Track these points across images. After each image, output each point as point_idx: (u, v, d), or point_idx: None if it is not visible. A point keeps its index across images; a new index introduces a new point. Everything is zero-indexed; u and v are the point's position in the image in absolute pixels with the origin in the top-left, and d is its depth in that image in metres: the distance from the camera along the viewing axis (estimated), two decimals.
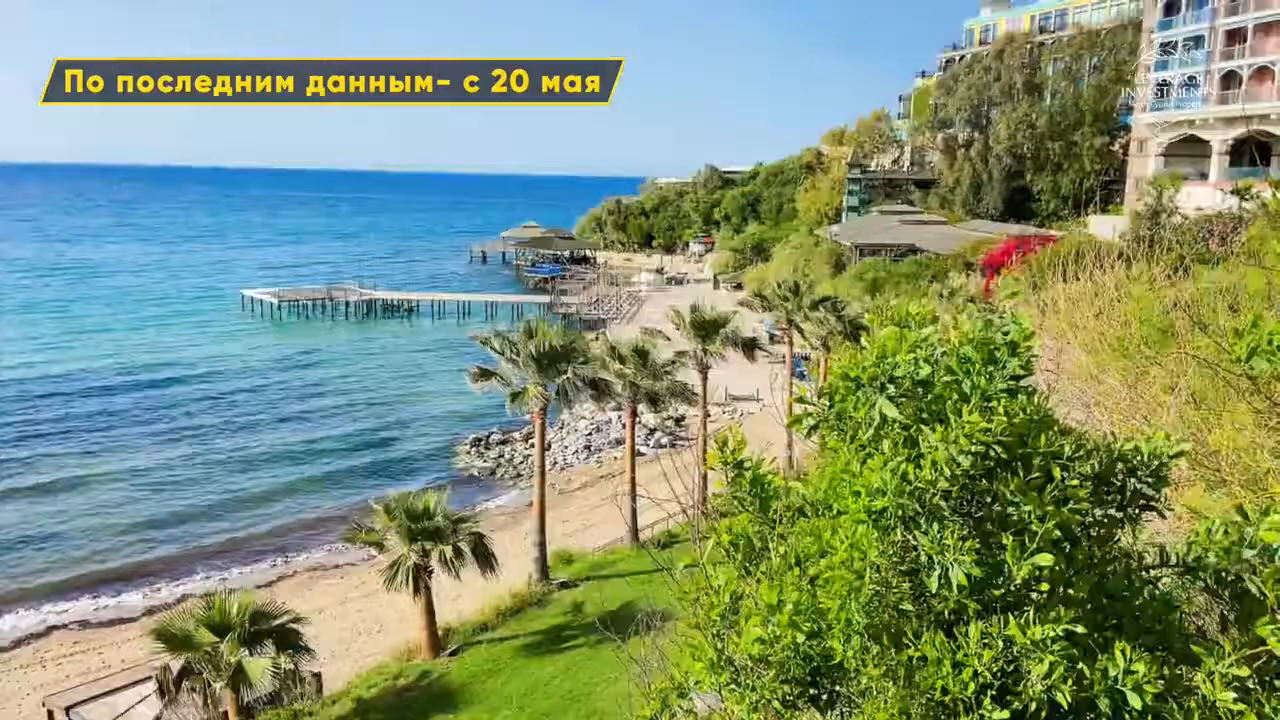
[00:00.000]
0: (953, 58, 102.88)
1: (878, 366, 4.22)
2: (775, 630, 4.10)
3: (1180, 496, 8.45)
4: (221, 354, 74.08)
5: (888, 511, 3.94)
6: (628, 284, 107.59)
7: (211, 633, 20.77)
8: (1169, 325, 13.47)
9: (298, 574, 37.06)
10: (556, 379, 31.60)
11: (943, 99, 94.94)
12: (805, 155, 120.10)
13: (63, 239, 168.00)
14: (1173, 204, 43.92)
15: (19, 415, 54.86)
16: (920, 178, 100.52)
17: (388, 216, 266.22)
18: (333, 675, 26.16)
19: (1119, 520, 4.23)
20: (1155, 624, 3.93)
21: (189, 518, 40.84)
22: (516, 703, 23.13)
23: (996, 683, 3.67)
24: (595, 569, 32.05)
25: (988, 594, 3.88)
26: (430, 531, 25.61)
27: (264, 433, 53.07)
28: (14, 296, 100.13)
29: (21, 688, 27.82)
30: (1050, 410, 4.23)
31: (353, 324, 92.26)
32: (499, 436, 52.81)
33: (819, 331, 43.71)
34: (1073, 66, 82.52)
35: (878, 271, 67.91)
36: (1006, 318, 4.16)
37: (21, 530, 39.05)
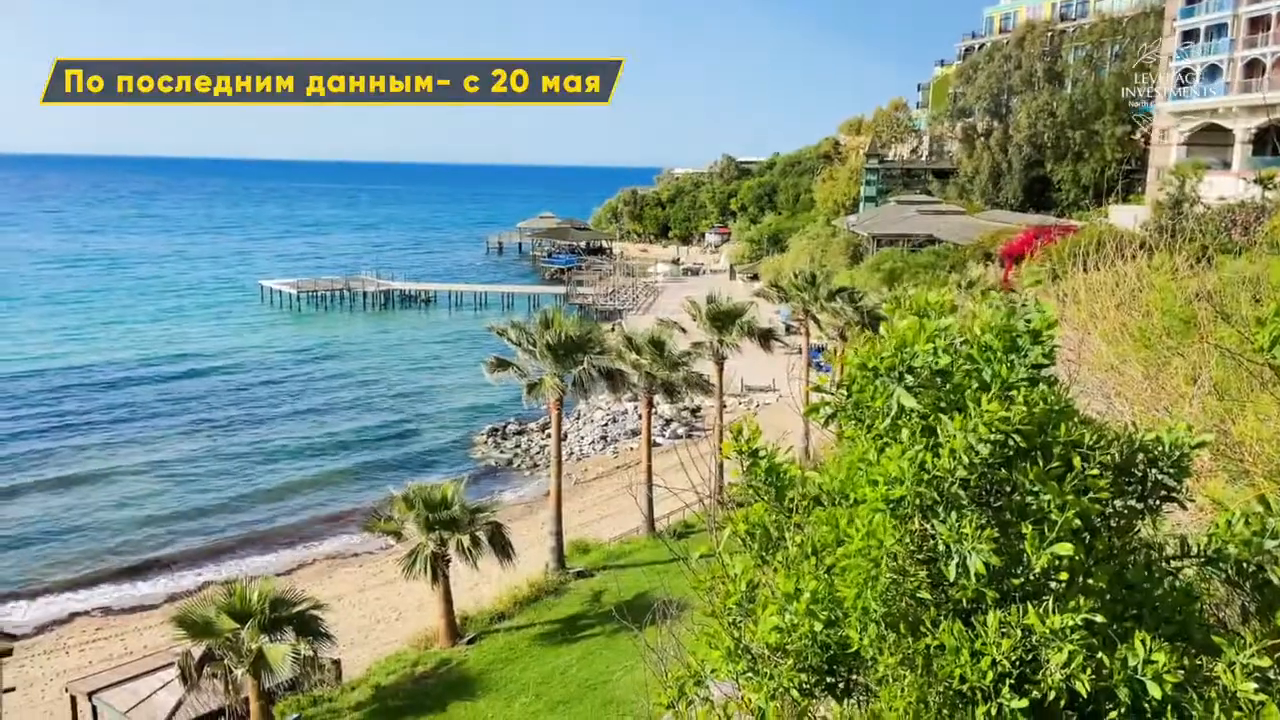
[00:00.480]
0: (972, 46, 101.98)
1: (896, 356, 4.21)
2: (792, 619, 4.10)
3: (1202, 488, 8.38)
4: (242, 345, 74.62)
5: (905, 500, 3.94)
6: (644, 275, 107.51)
7: (232, 619, 20.97)
8: (1191, 315, 13.34)
9: (317, 562, 37.38)
10: (573, 369, 31.66)
11: (962, 88, 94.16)
12: (823, 145, 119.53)
13: (85, 230, 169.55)
14: (1195, 193, 43.44)
15: (43, 406, 55.46)
16: (939, 167, 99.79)
17: (405, 208, 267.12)
18: (352, 662, 26.38)
19: (1139, 511, 4.21)
20: (1175, 614, 3.91)
21: (210, 511, 41.17)
22: (533, 691, 23.25)
23: (1015, 671, 3.67)
24: (611, 558, 32.14)
25: (1006, 583, 3.87)
26: (448, 521, 25.75)
27: (284, 425, 53.40)
28: (38, 288, 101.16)
29: (45, 673, 28.21)
30: (1071, 400, 4.21)
31: (370, 315, 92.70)
32: (515, 427, 52.97)
33: (835, 322, 43.57)
34: (1094, 54, 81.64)
35: (895, 262, 67.53)
36: (1029, 305, 4.14)
37: (45, 521, 39.52)
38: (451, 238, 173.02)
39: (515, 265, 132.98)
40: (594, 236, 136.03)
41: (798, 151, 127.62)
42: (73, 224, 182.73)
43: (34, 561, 36.08)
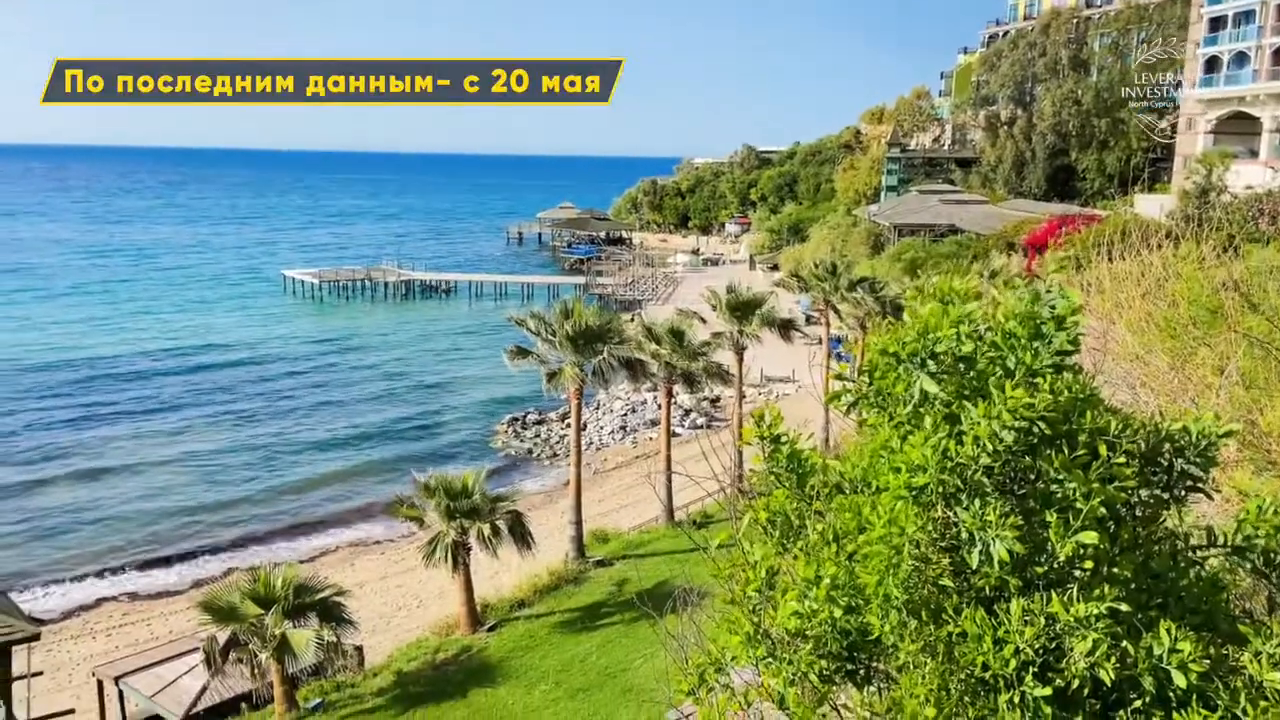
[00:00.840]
0: (996, 33, 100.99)
1: (919, 342, 4.18)
2: (812, 604, 4.10)
3: (1228, 478, 8.29)
4: (266, 336, 75.26)
5: (928, 488, 3.92)
6: (663, 265, 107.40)
7: (257, 605, 21.22)
8: (1218, 305, 13.16)
9: (339, 550, 37.72)
10: (592, 359, 31.69)
11: (986, 75, 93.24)
12: (844, 134, 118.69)
13: (111, 221, 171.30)
14: (1222, 182, 42.87)
15: (72, 397, 56.17)
16: (961, 156, 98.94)
17: (426, 198, 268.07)
18: (374, 648, 26.63)
19: (1165, 500, 4.17)
20: (1201, 604, 3.87)
21: (235, 502, 41.50)
22: (553, 678, 23.37)
23: (1038, 660, 3.65)
24: (631, 548, 32.22)
25: (1030, 571, 3.85)
26: (468, 510, 25.89)
27: (307, 417, 53.79)
28: (65, 278, 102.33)
29: (72, 657, 28.66)
30: (1096, 389, 4.17)
31: (391, 305, 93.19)
32: (535, 417, 53.15)
33: (856, 312, 43.34)
34: (1120, 41, 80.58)
35: (917, 252, 67.05)
36: (1053, 292, 4.10)
37: (72, 509, 40.06)
38: (472, 228, 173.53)
39: (535, 256, 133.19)
40: (613, 227, 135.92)
41: (818, 141, 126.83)
42: (99, 214, 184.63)
43: (61, 549, 36.62)
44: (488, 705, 22.49)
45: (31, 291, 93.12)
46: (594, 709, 21.73)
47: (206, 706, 22.16)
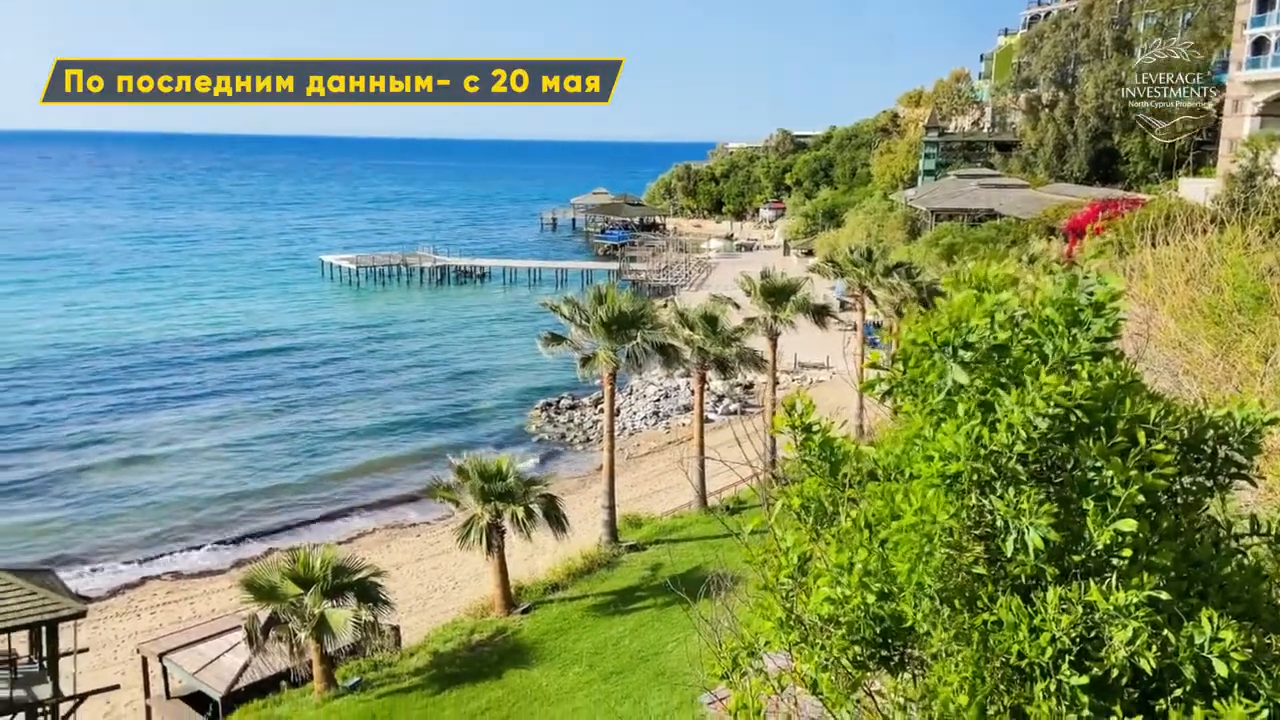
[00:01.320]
0: (1038, 14, 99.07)
1: (950, 331, 4.14)
2: (845, 590, 4.10)
3: (1273, 467, 8.13)
4: (306, 322, 76.14)
5: (962, 476, 3.89)
6: (697, 250, 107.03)
7: (296, 585, 21.61)
8: (1264, 291, 12.88)
9: (376, 531, 38.25)
10: (626, 345, 31.73)
11: (1027, 57, 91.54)
12: (880, 118, 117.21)
13: (155, 207, 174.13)
14: (1269, 166, 41.81)
15: (117, 383, 57.22)
16: (1001, 139, 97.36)
17: (463, 184, 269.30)
18: (410, 629, 27.02)
19: (1208, 488, 4.10)
20: (1243, 593, 3.82)
21: (275, 489, 42.05)
22: (587, 661, 23.56)
23: (1075, 648, 3.62)
24: (664, 533, 32.32)
25: (1066, 559, 3.81)
26: (503, 493, 26.11)
27: (346, 405, 54.32)
28: (110, 264, 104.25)
29: (118, 635, 29.38)
30: (1138, 375, 4.11)
31: (427, 290, 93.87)
32: (569, 402, 53.40)
33: (892, 298, 42.92)
34: (1165, 22, 78.63)
35: (954, 237, 66.22)
36: (1092, 278, 4.04)
37: (118, 493, 40.89)
38: (508, 214, 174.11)
39: (569, 241, 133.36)
40: (647, 212, 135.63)
41: (855, 125, 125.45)
42: (144, 200, 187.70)
43: (107, 531, 37.47)
44: (522, 686, 22.73)
45: (78, 277, 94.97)
46: (627, 691, 21.88)
47: (247, 684, 22.62)
